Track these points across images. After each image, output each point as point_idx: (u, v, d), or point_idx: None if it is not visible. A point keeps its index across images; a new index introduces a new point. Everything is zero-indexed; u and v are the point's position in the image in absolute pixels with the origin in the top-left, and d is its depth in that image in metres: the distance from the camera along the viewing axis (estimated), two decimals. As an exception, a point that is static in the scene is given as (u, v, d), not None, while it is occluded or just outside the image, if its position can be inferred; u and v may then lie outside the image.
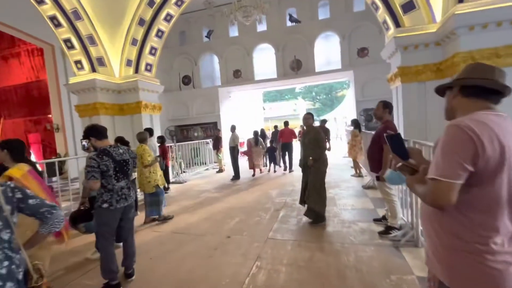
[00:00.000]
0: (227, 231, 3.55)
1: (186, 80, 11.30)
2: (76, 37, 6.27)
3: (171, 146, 7.72)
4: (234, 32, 10.84)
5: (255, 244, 3.09)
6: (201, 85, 11.23)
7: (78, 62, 6.49)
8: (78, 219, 2.65)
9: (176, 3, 6.78)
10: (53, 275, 2.72)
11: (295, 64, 9.91)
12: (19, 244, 1.19)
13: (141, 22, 6.71)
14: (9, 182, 1.21)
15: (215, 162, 9.61)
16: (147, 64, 7.21)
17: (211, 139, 9.43)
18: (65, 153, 9.84)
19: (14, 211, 1.15)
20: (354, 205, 4.30)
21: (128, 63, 6.94)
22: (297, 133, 8.93)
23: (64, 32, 6.17)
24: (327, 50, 9.99)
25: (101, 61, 6.64)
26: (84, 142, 3.28)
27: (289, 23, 10.16)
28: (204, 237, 3.44)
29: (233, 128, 7.63)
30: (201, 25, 11.02)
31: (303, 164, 3.78)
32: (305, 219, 3.74)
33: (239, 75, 10.75)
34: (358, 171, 6.47)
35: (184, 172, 8.24)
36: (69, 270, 2.85)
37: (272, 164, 8.24)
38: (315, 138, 3.62)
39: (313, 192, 3.59)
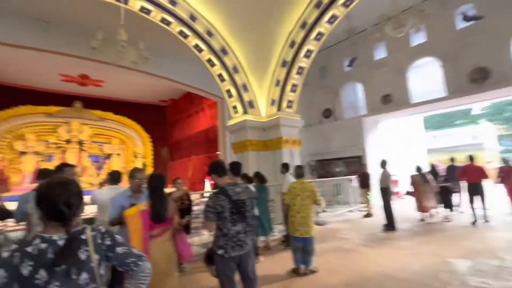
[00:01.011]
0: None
1: (327, 113, 10.92)
2: (234, 87, 7.48)
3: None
4: (380, 54, 9.57)
5: None
6: (342, 117, 10.45)
7: (234, 107, 7.66)
8: (211, 259, 2.54)
9: (315, 38, 6.74)
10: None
11: (479, 74, 7.14)
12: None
13: (284, 63, 7.12)
14: (100, 227, 1.06)
15: (361, 203, 8.14)
16: (288, 101, 7.44)
17: (356, 176, 8.18)
18: (226, 184, 11.74)
19: (102, 261, 0.97)
20: None
21: (272, 102, 7.44)
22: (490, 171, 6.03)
23: (226, 85, 7.54)
24: (540, 45, 6.56)
25: (251, 104, 7.51)
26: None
27: (460, 25, 7.71)
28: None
29: (383, 164, 6.13)
30: (342, 55, 10.60)
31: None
32: None
33: (389, 100, 9.10)
34: None
35: (324, 211, 7.43)
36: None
37: (447, 210, 5.84)
38: None
39: None
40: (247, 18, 6.62)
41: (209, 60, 7.21)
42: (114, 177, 3.11)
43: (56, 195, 0.95)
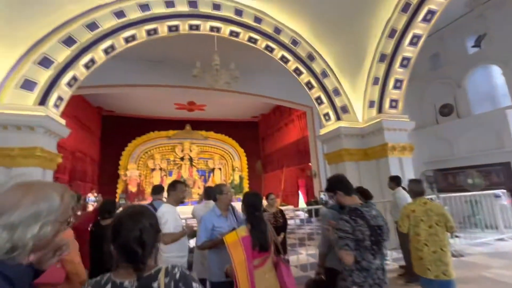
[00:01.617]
0: None
1: (446, 110, 8.67)
2: (324, 93, 6.92)
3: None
4: (529, 20, 6.93)
5: None
6: (470, 113, 8.04)
7: (326, 115, 7.05)
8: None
9: (424, 19, 5.45)
10: None
11: None
12: None
13: (382, 58, 6.08)
14: (176, 269, 0.87)
15: (518, 229, 5.78)
16: (391, 101, 6.26)
17: (505, 190, 5.93)
18: (319, 195, 10.96)
19: None
20: None
21: (371, 104, 6.43)
22: None
23: (316, 92, 7.07)
24: None
25: (344, 109, 6.74)
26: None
27: None
28: None
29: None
30: (463, 35, 8.32)
31: None
32: None
33: (554, 81, 6.34)
34: None
35: (456, 237, 5.64)
36: None
37: None
38: None
39: None
40: (333, 18, 6.07)
41: (296, 69, 6.98)
42: (207, 193, 3.17)
43: (128, 230, 0.80)
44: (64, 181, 9.94)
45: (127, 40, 5.50)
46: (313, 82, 6.95)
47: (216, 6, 5.87)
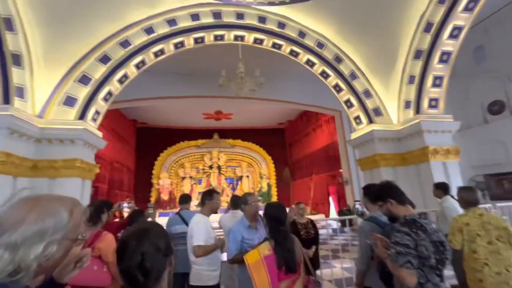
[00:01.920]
0: None
1: (496, 108, 7.74)
2: (354, 95, 6.57)
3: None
4: None
5: None
6: (527, 109, 7.08)
7: (356, 118, 6.67)
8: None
9: (466, 8, 4.95)
10: None
11: None
12: None
13: (418, 54, 5.63)
14: None
15: None
16: (430, 100, 5.73)
17: None
18: (353, 205, 10.33)
19: None
20: None
21: (407, 105, 5.95)
22: None
23: (344, 95, 6.74)
24: None
25: (377, 111, 6.31)
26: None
27: None
28: None
29: None
30: (510, 23, 7.44)
31: None
32: None
33: None
34: None
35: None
36: None
37: None
38: None
39: None
40: (360, 18, 5.78)
41: (323, 72, 6.74)
42: (234, 202, 3.07)
43: (129, 255, 0.70)
44: (103, 190, 10.60)
45: (156, 54, 5.75)
46: (342, 84, 6.64)
47: (240, 15, 5.92)
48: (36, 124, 4.40)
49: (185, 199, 3.30)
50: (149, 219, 3.67)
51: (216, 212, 2.56)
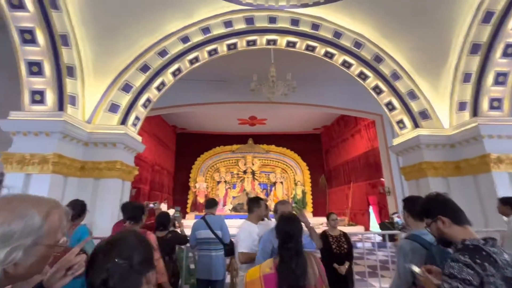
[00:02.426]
0: None
1: None
2: (396, 97, 5.99)
3: None
4: None
5: None
6: None
7: (400, 122, 6.07)
8: None
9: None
10: None
11: None
12: None
13: (475, 48, 4.92)
14: None
15: None
16: (492, 100, 4.95)
17: None
18: (392, 218, 9.40)
19: None
20: None
21: (461, 106, 5.23)
22: None
23: (386, 97, 6.19)
24: None
25: (424, 114, 5.66)
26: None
27: None
28: None
29: None
30: None
31: None
32: None
33: None
34: None
35: None
36: None
37: None
38: None
39: None
40: (402, 13, 5.28)
41: (361, 74, 6.30)
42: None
43: (94, 270, 0.61)
44: (145, 191, 11.33)
45: (191, 62, 5.97)
46: (382, 86, 6.12)
47: (272, 19, 5.86)
48: (84, 129, 4.85)
49: (211, 203, 3.27)
50: (176, 223, 3.71)
51: (263, 219, 2.52)
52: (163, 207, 11.13)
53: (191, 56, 5.85)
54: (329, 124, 15.25)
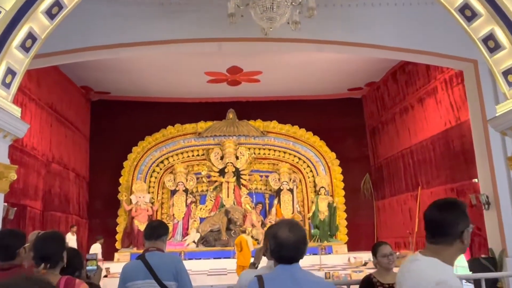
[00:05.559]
0: None
1: None
2: (504, 25, 5.99)
3: None
4: None
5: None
6: None
7: (506, 73, 6.11)
8: None
9: None
10: None
11: None
12: None
13: None
14: None
15: None
16: None
17: None
18: (502, 250, 9.66)
19: None
20: None
21: None
22: None
23: (482, 25, 6.24)
24: None
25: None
26: None
27: None
28: None
29: None
30: None
31: None
32: None
33: None
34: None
35: None
36: None
37: None
38: None
39: None
40: None
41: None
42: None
43: None
44: (35, 212, 11.24)
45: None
46: (477, 4, 6.10)
47: None
48: None
49: (156, 230, 3.26)
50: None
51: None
52: (71, 239, 11.13)
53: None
54: (378, 80, 15.53)
